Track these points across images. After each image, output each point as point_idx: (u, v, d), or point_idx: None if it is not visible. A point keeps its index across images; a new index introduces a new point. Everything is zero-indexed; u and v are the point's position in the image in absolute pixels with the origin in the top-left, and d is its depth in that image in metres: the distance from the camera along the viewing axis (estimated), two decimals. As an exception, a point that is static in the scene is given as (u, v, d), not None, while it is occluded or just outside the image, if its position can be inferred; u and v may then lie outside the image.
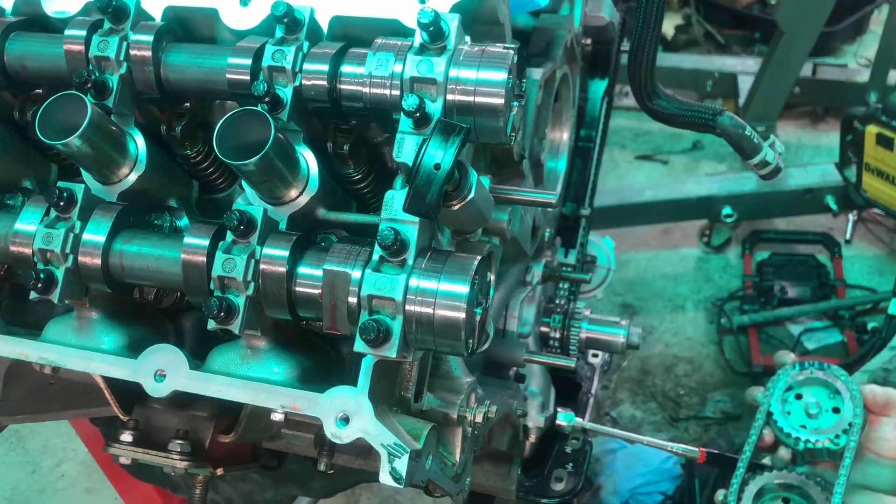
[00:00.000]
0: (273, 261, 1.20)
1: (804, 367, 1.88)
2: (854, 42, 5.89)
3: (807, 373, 1.87)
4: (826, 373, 1.86)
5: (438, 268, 1.14)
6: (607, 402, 4.04)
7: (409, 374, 1.31)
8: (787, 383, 1.87)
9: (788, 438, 1.80)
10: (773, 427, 1.84)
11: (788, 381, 1.87)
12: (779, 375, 1.88)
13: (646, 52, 1.74)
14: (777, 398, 1.85)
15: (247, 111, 1.18)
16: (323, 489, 2.16)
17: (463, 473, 1.51)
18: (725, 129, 1.77)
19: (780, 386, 1.87)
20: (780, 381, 1.87)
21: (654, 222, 4.74)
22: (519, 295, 2.00)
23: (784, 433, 1.81)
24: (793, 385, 1.88)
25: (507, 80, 1.17)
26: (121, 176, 1.33)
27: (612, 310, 4.41)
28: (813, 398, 1.85)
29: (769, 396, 1.86)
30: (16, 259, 1.31)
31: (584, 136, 2.47)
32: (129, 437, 1.51)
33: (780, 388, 1.86)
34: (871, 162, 3.87)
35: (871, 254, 4.65)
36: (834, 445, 1.77)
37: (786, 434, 1.81)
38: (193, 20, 1.39)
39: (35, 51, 1.39)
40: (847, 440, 1.76)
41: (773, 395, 1.85)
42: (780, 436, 1.83)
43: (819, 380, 1.86)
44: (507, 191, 1.43)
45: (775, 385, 1.87)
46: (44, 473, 3.86)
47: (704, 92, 5.31)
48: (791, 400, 1.87)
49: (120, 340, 1.35)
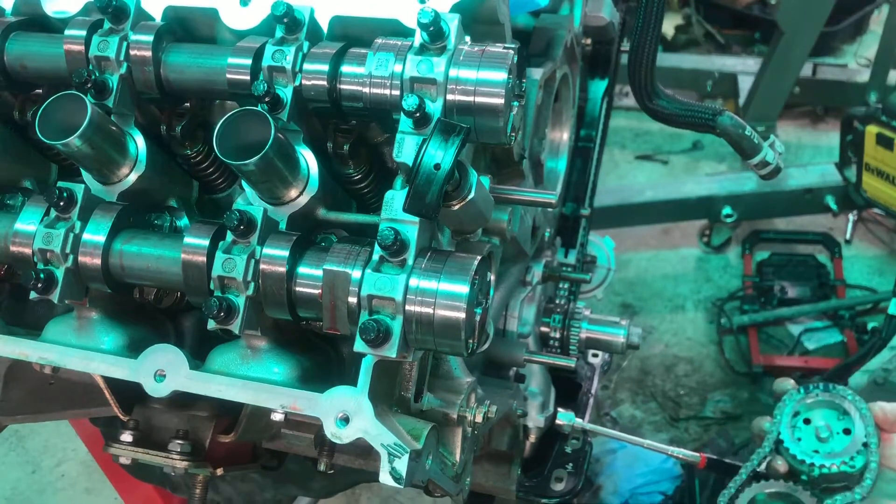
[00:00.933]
0: (273, 261, 1.20)
1: (809, 391, 1.84)
2: (854, 42, 5.89)
3: (812, 396, 1.83)
4: (832, 394, 1.82)
5: (438, 268, 1.14)
6: (607, 402, 4.04)
7: (409, 374, 1.31)
8: (793, 409, 1.83)
9: (803, 465, 1.77)
10: (786, 455, 1.80)
11: (795, 406, 1.84)
12: (784, 401, 1.84)
13: (646, 52, 1.74)
14: (786, 425, 1.81)
15: (247, 111, 1.18)
16: (323, 489, 2.16)
17: (463, 473, 1.51)
18: (725, 129, 1.77)
19: (787, 412, 1.83)
20: (786, 408, 1.83)
21: (654, 222, 4.74)
22: (519, 295, 2.00)
23: (797, 460, 1.78)
24: (800, 410, 1.84)
25: (507, 80, 1.17)
26: (121, 176, 1.33)
27: (612, 310, 4.41)
28: (822, 421, 1.82)
29: (777, 424, 1.82)
30: (16, 259, 1.31)
31: (584, 136, 2.47)
32: (129, 437, 1.51)
33: (787, 415, 1.82)
34: (871, 162, 3.87)
35: (871, 254, 4.65)
36: (850, 468, 1.74)
37: (799, 461, 1.77)
38: (193, 20, 1.39)
39: (35, 51, 1.39)
40: (865, 460, 1.72)
41: (781, 423, 1.82)
42: (793, 463, 1.79)
43: (826, 402, 1.83)
44: (507, 191, 1.44)
45: (782, 412, 1.83)
46: (44, 473, 3.86)
47: (704, 92, 5.31)
48: (800, 425, 1.83)
49: (120, 340, 1.35)
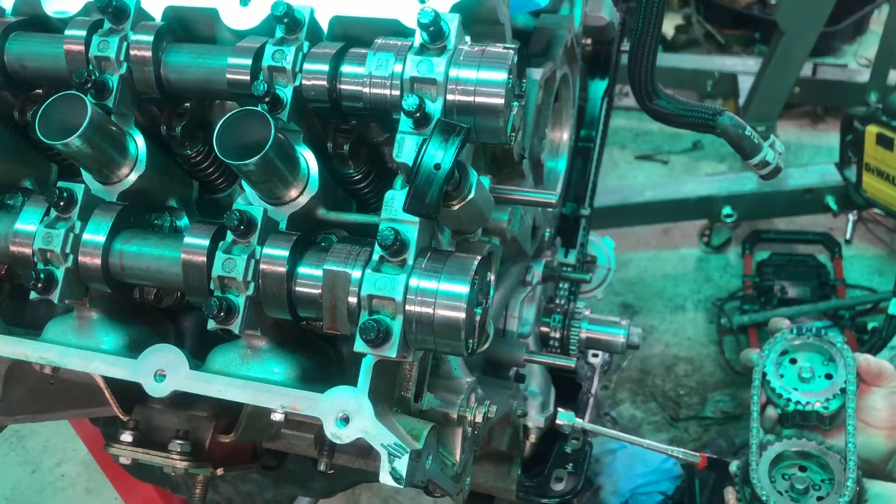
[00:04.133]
0: (273, 261, 1.20)
1: (801, 332, 1.88)
2: (854, 42, 5.89)
3: (803, 337, 1.87)
4: (822, 339, 1.86)
5: (438, 268, 1.14)
6: (607, 402, 4.04)
7: (409, 374, 1.31)
8: (783, 346, 1.88)
9: (779, 399, 1.82)
10: (766, 388, 1.84)
11: (784, 344, 1.88)
12: (776, 338, 1.89)
13: (646, 52, 1.74)
14: (772, 360, 1.86)
15: (247, 111, 1.18)
16: (323, 489, 2.16)
17: (463, 473, 1.51)
18: (725, 129, 1.77)
19: (776, 349, 1.87)
20: (776, 345, 1.88)
21: (654, 222, 4.74)
22: (519, 295, 2.00)
23: (775, 394, 1.82)
24: (788, 349, 1.88)
25: (507, 80, 1.17)
26: (121, 176, 1.33)
27: (612, 310, 4.41)
28: (807, 363, 1.86)
29: (765, 358, 1.86)
30: (16, 259, 1.31)
31: (584, 136, 2.47)
32: (130, 437, 1.51)
33: (775, 351, 1.87)
34: (871, 162, 3.87)
35: (871, 254, 4.64)
36: (824, 409, 1.78)
37: (777, 394, 1.82)
38: (193, 20, 1.39)
39: (35, 51, 1.39)
40: (840, 404, 1.76)
41: (768, 358, 1.86)
42: (770, 396, 1.84)
43: (815, 345, 1.87)
44: (507, 191, 1.44)
45: (771, 347, 1.88)
46: (44, 473, 3.86)
47: (704, 92, 5.31)
48: (785, 364, 1.87)
49: (120, 340, 1.35)
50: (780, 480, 1.75)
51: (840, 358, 1.82)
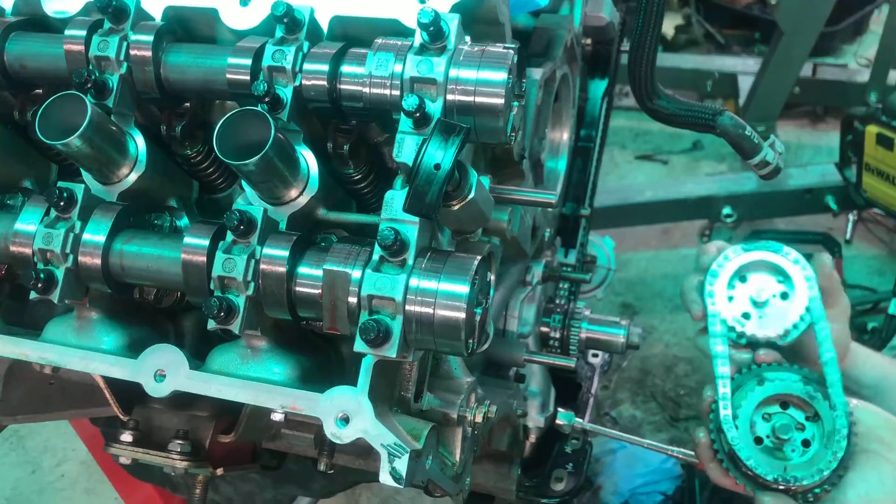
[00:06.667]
0: (273, 261, 1.20)
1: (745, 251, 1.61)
2: (854, 42, 5.89)
3: (746, 255, 1.60)
4: (771, 251, 1.59)
5: (438, 268, 1.14)
6: (607, 402, 4.04)
7: (409, 374, 1.31)
8: (722, 273, 1.61)
9: (734, 335, 1.59)
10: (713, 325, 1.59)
11: (724, 269, 1.60)
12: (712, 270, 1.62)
13: (646, 52, 1.74)
14: (715, 294, 1.60)
15: (247, 111, 1.18)
16: (323, 489, 2.16)
17: (463, 473, 1.51)
18: (725, 129, 1.77)
19: (715, 280, 1.61)
20: (714, 276, 1.62)
21: (654, 222, 4.74)
22: (519, 295, 2.00)
23: (729, 330, 1.59)
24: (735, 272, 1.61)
25: (507, 80, 1.17)
26: (121, 176, 1.33)
27: (612, 310, 4.41)
28: (757, 285, 1.61)
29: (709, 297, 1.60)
30: (16, 259, 1.31)
31: (584, 136, 2.47)
32: (129, 437, 1.51)
33: (716, 281, 1.61)
34: (871, 162, 3.87)
35: (871, 254, 4.64)
36: (781, 340, 1.58)
37: (729, 329, 1.59)
38: (193, 20, 1.38)
39: (35, 51, 1.39)
40: (799, 330, 1.56)
41: (711, 293, 1.60)
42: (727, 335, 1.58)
43: (763, 263, 1.61)
44: (507, 191, 1.43)
45: (711, 280, 1.61)
46: (44, 473, 3.86)
47: (704, 92, 5.31)
48: (733, 286, 1.62)
49: (120, 340, 1.35)
50: (761, 423, 1.52)
51: (796, 272, 1.57)
